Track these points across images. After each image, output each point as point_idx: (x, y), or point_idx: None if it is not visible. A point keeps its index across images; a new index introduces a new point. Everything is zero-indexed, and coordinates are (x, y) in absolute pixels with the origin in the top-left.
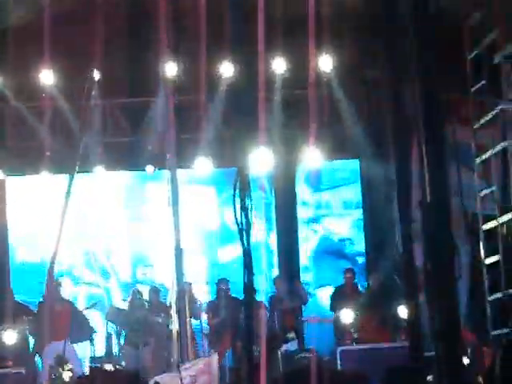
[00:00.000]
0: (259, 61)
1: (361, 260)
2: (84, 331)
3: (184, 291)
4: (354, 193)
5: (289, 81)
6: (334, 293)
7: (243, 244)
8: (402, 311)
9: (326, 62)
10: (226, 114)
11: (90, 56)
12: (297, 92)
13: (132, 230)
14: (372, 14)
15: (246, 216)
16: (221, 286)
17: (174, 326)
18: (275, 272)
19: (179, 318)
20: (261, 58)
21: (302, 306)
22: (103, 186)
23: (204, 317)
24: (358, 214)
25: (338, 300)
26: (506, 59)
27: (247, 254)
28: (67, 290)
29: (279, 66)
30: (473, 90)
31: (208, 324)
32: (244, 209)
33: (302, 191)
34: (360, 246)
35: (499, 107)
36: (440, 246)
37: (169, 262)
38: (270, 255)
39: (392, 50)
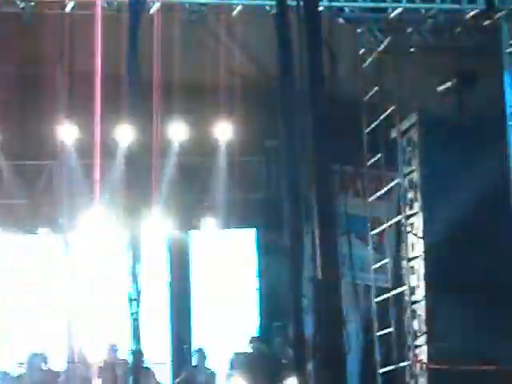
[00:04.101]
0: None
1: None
2: None
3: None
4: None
5: (186, 147)
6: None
7: (131, 311)
8: (291, 382)
9: (225, 131)
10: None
11: None
12: (194, 159)
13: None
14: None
15: (136, 283)
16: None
17: None
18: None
19: None
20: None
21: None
22: None
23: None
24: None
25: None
26: (402, 134)
27: (136, 321)
28: None
29: (177, 132)
30: (369, 163)
31: None
32: (134, 276)
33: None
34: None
35: (395, 181)
36: (329, 320)
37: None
38: None
39: (289, 124)
